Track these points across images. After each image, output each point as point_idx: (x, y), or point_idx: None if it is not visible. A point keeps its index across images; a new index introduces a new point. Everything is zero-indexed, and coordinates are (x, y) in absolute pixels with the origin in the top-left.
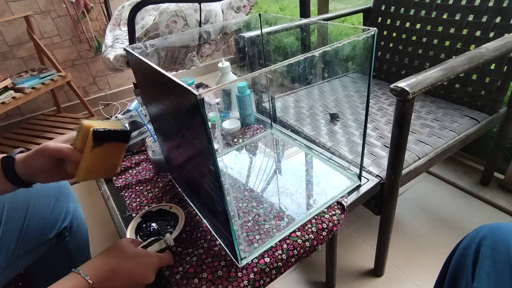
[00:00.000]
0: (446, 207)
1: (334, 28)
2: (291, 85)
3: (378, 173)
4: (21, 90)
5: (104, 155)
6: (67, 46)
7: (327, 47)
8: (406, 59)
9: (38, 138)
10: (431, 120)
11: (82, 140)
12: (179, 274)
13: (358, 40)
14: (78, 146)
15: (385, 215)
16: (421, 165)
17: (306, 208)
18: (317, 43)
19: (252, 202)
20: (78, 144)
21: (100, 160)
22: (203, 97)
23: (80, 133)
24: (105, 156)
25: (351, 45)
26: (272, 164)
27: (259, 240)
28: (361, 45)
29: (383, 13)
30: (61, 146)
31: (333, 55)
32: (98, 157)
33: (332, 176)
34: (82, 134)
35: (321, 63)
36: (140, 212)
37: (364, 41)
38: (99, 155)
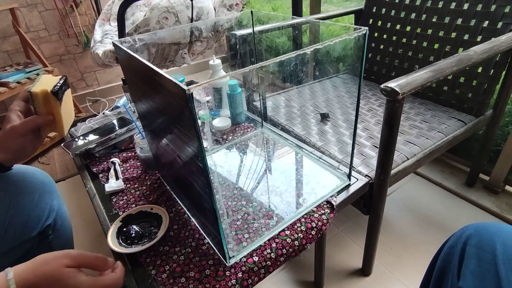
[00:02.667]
0: (433, 208)
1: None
2: (283, 85)
3: (368, 173)
4: (6, 84)
5: (66, 104)
6: (55, 40)
7: (318, 45)
8: (396, 61)
9: None
10: (420, 121)
11: (44, 104)
12: (165, 273)
13: (350, 39)
14: (42, 110)
15: (374, 214)
16: (410, 165)
17: (296, 207)
18: (309, 42)
19: (242, 200)
20: (41, 109)
21: (66, 109)
22: (192, 92)
23: (37, 101)
24: (66, 104)
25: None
26: (262, 163)
27: (248, 239)
28: (352, 45)
29: (374, 15)
30: (29, 120)
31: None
32: (64, 108)
33: (321, 176)
34: (39, 100)
35: (312, 63)
36: (120, 216)
37: (356, 40)
38: (64, 106)
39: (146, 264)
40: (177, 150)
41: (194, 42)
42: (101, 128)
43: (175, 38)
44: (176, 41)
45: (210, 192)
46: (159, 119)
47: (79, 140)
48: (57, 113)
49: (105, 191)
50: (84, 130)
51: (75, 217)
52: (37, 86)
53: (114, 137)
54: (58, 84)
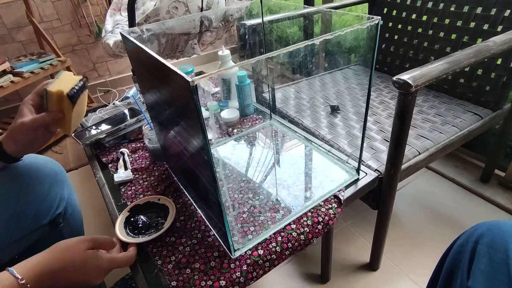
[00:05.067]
0: (445, 203)
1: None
2: (292, 76)
3: (377, 167)
4: (20, 74)
5: (79, 106)
6: (67, 30)
7: (328, 35)
8: (411, 52)
9: None
10: (433, 115)
11: (56, 104)
12: (171, 263)
13: (362, 30)
14: (54, 109)
15: (383, 210)
16: (421, 160)
17: (303, 201)
18: (321, 33)
19: (248, 193)
20: (53, 108)
21: (78, 111)
22: (196, 83)
23: (51, 100)
24: (79, 106)
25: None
26: (269, 156)
27: (254, 232)
28: (364, 35)
29: (389, 3)
30: (38, 118)
31: (335, 46)
32: (76, 110)
33: (330, 169)
34: (54, 100)
35: (323, 54)
36: (128, 206)
37: (368, 30)
38: (76, 108)
39: (153, 255)
40: (183, 142)
41: (204, 32)
42: (111, 118)
43: (184, 28)
44: (185, 31)
45: (215, 186)
46: (166, 110)
47: (89, 130)
48: (68, 114)
49: (114, 181)
50: (95, 120)
51: (86, 206)
52: (55, 84)
53: (123, 127)
54: (75, 87)
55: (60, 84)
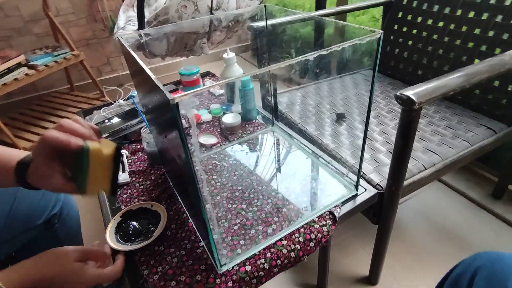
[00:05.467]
0: (453, 218)
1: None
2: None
3: (379, 182)
4: (34, 67)
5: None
6: (82, 24)
7: (323, 50)
8: (425, 59)
9: (50, 116)
10: (444, 127)
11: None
12: (157, 274)
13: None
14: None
15: (383, 225)
16: (427, 176)
17: (296, 216)
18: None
19: (242, 203)
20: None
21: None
22: (177, 102)
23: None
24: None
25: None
26: (266, 165)
27: (243, 246)
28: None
29: (404, 7)
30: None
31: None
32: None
33: (328, 183)
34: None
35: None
36: (120, 211)
37: (369, 43)
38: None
39: (140, 263)
40: (172, 150)
41: (213, 32)
42: (113, 118)
43: (193, 27)
44: (194, 30)
45: (200, 204)
46: (157, 117)
47: None
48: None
49: None
50: (98, 120)
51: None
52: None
53: (124, 128)
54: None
55: (94, 144)
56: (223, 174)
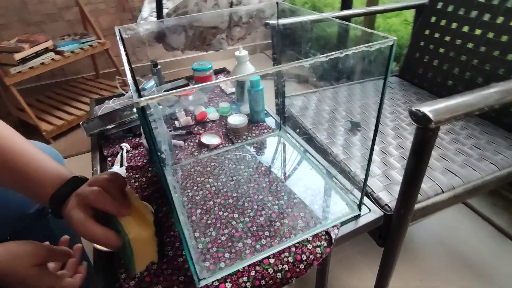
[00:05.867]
0: (474, 245)
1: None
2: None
3: (388, 202)
4: (61, 53)
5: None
6: (112, 13)
7: (322, 57)
8: (456, 69)
9: (74, 101)
10: (470, 146)
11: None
12: (134, 280)
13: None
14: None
15: (389, 249)
16: (444, 200)
17: (289, 232)
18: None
19: (235, 212)
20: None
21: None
22: (142, 105)
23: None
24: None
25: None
26: (266, 172)
27: (227, 260)
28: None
29: (438, 12)
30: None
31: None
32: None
33: (329, 199)
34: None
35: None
36: None
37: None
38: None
39: (119, 266)
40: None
41: (233, 27)
42: (120, 110)
43: (213, 21)
44: (213, 25)
45: (173, 215)
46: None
47: (97, 120)
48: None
49: None
50: (105, 110)
51: None
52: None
53: (128, 121)
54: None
55: (132, 229)
56: (219, 178)
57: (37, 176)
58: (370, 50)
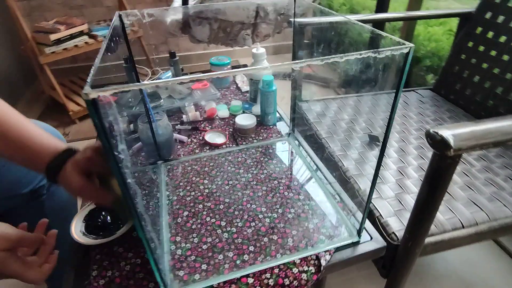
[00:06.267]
0: (495, 285)
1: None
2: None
3: (396, 230)
4: (94, 37)
5: None
6: (148, 2)
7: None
8: (500, 88)
9: None
10: (505, 178)
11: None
12: (104, 279)
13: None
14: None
15: (393, 282)
16: (463, 237)
17: (276, 251)
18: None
19: (223, 220)
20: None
21: None
22: (92, 98)
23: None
24: None
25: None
26: (265, 180)
27: (204, 272)
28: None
29: (486, 22)
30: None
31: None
32: None
33: (327, 219)
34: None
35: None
36: None
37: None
38: None
39: (93, 261)
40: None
41: (259, 24)
42: (130, 98)
43: (238, 16)
44: (239, 20)
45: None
46: None
47: None
48: None
49: None
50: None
51: None
52: None
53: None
54: None
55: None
56: (215, 181)
57: (34, 147)
58: (379, 56)
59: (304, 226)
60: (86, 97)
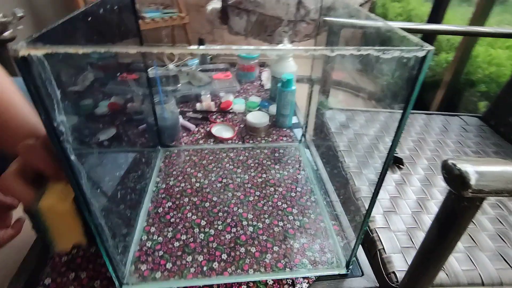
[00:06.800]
0: None
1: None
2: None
3: (398, 270)
4: (142, 18)
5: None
6: None
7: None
8: None
9: None
10: None
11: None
12: (67, 256)
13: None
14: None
15: None
16: None
17: (249, 265)
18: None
19: (204, 219)
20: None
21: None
22: (22, 55)
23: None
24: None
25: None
26: (261, 185)
27: (167, 272)
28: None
29: None
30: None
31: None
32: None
33: (316, 241)
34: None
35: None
36: None
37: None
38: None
39: None
40: None
41: (299, 22)
42: None
43: (276, 11)
44: (277, 15)
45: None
46: None
47: None
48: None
49: None
50: None
51: None
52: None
53: None
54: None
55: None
56: (209, 176)
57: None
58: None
59: (289, 244)
60: (15, 53)
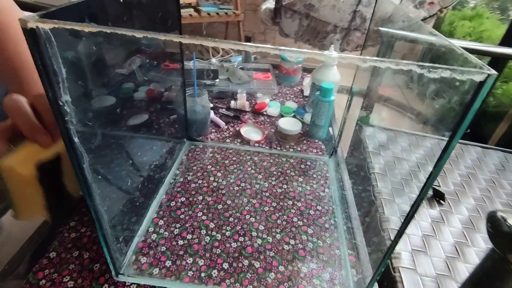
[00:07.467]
0: None
1: None
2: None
3: None
4: (199, 11)
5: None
6: None
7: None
8: None
9: None
10: None
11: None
12: (75, 234)
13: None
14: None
15: None
16: None
17: (249, 281)
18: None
19: (213, 221)
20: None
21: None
22: (30, 27)
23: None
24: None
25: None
26: (280, 197)
27: (165, 269)
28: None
29: None
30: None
31: None
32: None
33: (327, 270)
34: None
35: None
36: None
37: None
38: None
39: (77, 213)
40: None
41: (353, 31)
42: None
43: (330, 17)
44: (331, 21)
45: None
46: None
47: None
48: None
49: None
50: None
51: None
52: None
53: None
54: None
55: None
56: (228, 177)
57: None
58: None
59: (296, 266)
60: (24, 25)
